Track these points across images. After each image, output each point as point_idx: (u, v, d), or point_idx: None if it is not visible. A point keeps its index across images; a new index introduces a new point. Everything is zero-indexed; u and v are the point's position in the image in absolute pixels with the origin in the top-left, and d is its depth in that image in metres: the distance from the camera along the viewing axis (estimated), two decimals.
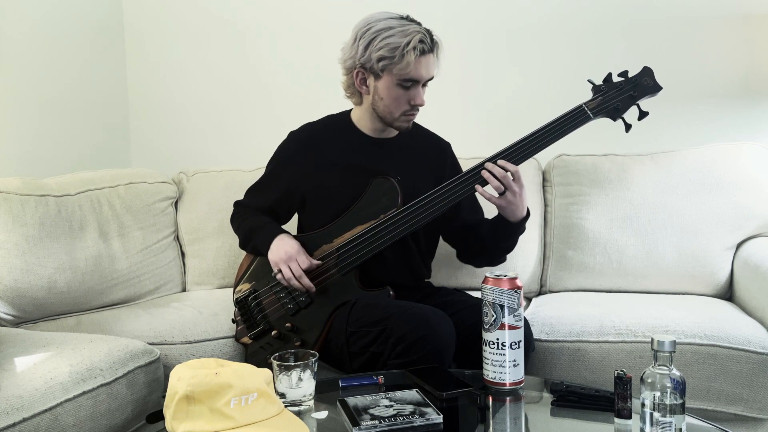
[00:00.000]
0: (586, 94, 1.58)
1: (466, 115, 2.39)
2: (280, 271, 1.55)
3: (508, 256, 1.70)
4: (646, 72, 1.56)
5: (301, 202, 1.70)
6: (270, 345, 1.60)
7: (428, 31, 1.54)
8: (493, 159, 1.52)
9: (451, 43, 2.32)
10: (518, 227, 1.59)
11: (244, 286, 1.68)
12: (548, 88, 2.32)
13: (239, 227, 1.75)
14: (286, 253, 1.55)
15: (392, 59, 1.51)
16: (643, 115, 1.56)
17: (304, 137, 1.71)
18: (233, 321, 1.70)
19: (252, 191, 1.79)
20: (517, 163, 1.52)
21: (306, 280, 1.53)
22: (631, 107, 1.56)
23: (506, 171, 1.49)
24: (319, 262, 1.56)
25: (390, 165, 1.64)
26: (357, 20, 1.57)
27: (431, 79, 1.58)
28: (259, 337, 1.62)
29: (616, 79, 1.57)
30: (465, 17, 2.37)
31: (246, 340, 1.64)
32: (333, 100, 1.79)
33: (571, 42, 2.30)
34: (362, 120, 1.67)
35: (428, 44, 1.52)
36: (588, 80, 1.59)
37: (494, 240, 1.64)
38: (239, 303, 1.67)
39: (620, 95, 1.55)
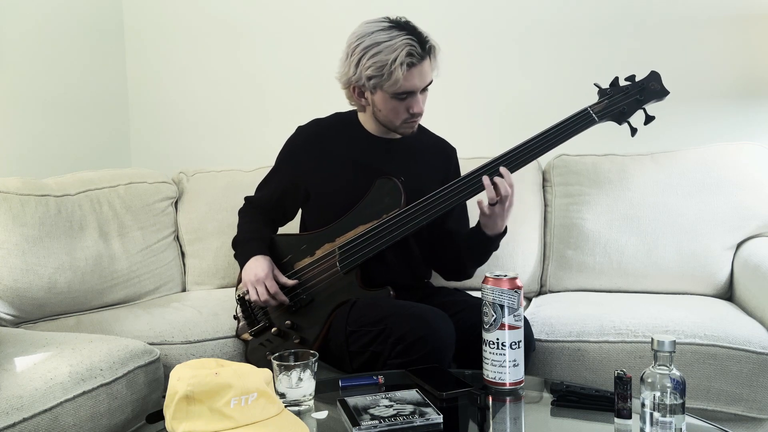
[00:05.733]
0: (592, 95, 1.58)
1: (473, 116, 2.39)
2: (248, 291, 1.59)
3: (509, 255, 1.69)
4: (654, 76, 1.55)
5: (305, 196, 1.70)
6: (270, 342, 1.60)
7: (420, 37, 1.49)
8: (497, 160, 1.51)
9: (458, 44, 2.33)
10: (494, 242, 1.58)
11: None
12: (554, 88, 2.32)
13: (238, 227, 1.76)
14: (255, 276, 1.57)
15: (381, 77, 1.49)
16: (649, 119, 1.54)
17: (312, 131, 1.71)
18: (234, 317, 1.70)
19: (260, 186, 1.80)
20: (521, 165, 1.51)
21: (272, 303, 1.57)
22: (637, 111, 1.55)
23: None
24: (290, 284, 1.58)
25: (395, 165, 1.64)
26: (355, 24, 1.56)
27: (429, 84, 1.56)
28: (259, 333, 1.62)
29: (622, 82, 1.56)
30: (470, 18, 2.37)
31: (246, 336, 1.65)
32: (333, 101, 1.79)
33: (574, 43, 2.29)
34: (367, 123, 1.68)
35: (418, 53, 1.48)
36: (594, 84, 1.58)
37: (467, 249, 1.63)
38: (241, 299, 1.67)
39: (626, 99, 1.54)
